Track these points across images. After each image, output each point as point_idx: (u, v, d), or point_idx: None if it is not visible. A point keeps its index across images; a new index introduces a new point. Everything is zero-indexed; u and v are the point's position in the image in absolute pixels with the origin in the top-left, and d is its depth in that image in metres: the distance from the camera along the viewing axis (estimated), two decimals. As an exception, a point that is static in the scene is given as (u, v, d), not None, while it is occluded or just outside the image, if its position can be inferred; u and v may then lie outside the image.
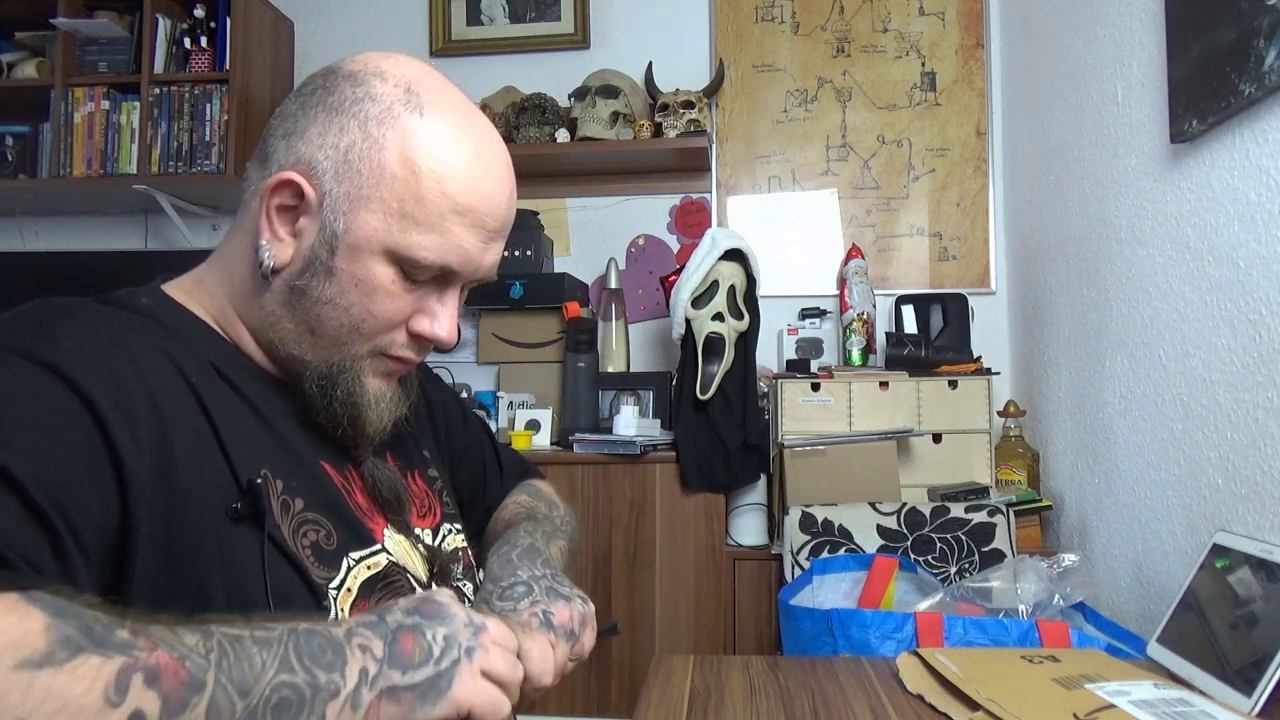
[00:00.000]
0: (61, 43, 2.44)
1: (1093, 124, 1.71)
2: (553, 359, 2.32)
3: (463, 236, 0.71)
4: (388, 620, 0.60)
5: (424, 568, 0.78)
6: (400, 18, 2.62)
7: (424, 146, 0.69)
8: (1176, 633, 1.03)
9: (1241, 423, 1.20)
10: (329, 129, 0.69)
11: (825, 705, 0.93)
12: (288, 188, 0.69)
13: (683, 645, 1.90)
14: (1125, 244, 1.57)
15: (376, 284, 0.70)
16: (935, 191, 2.39)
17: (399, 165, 0.68)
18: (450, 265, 0.71)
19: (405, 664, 0.58)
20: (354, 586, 0.69)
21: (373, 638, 0.58)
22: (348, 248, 0.69)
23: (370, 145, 0.68)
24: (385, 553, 0.73)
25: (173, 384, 0.64)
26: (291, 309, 0.71)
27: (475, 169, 0.71)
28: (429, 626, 0.60)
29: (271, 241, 0.70)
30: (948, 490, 1.80)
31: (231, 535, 0.63)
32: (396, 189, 0.68)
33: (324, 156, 0.68)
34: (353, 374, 0.72)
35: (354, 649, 0.57)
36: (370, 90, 0.70)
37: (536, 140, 2.33)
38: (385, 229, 0.68)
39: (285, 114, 0.72)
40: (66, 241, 2.71)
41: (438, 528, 0.84)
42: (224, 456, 0.64)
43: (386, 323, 0.72)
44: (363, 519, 0.74)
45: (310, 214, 0.69)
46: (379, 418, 0.75)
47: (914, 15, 2.41)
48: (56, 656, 0.46)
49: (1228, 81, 1.18)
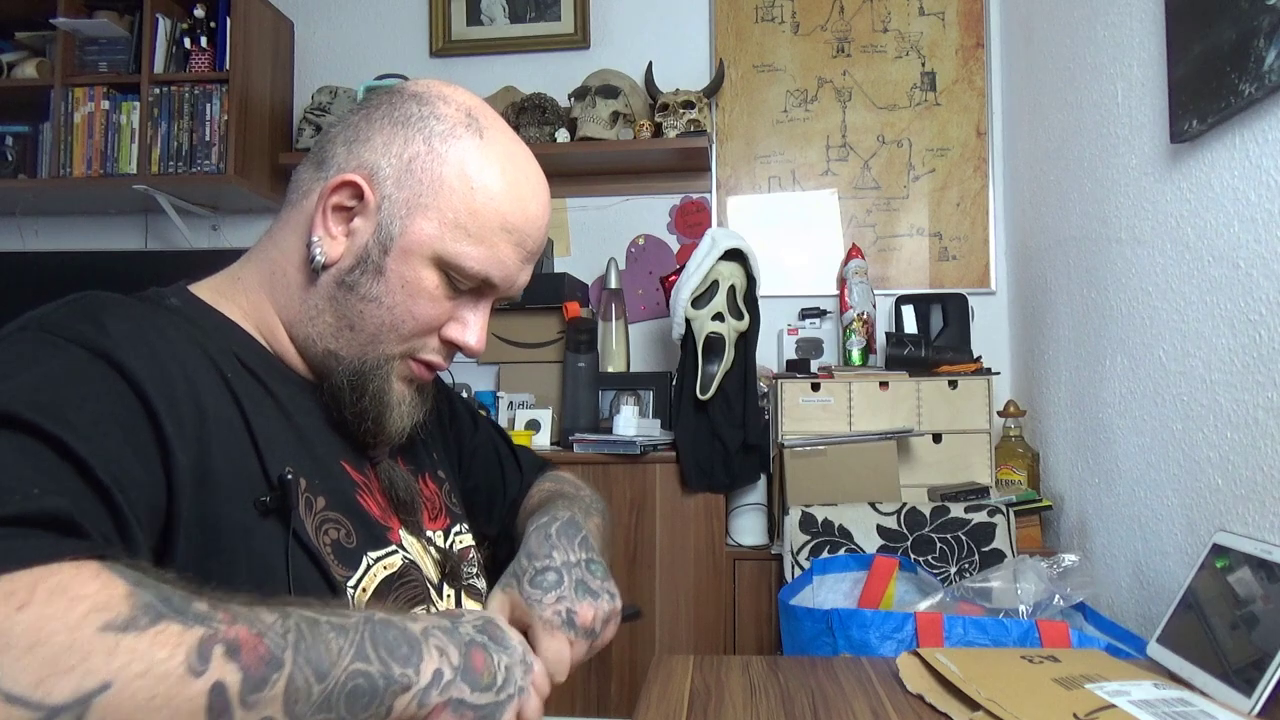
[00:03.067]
0: (61, 43, 2.44)
1: (1093, 124, 1.71)
2: (553, 359, 2.32)
3: (506, 253, 0.76)
4: (460, 631, 0.62)
5: (435, 569, 0.79)
6: (400, 18, 2.62)
7: (482, 165, 0.74)
8: (1176, 633, 1.03)
9: (1241, 423, 1.20)
10: (394, 139, 0.74)
11: (825, 705, 0.93)
12: (349, 188, 0.73)
13: (683, 645, 1.90)
14: (1125, 244, 1.57)
15: (422, 287, 0.74)
16: (935, 191, 2.39)
17: (458, 179, 0.73)
18: (492, 278, 0.76)
19: (475, 682, 0.61)
20: (370, 586, 0.70)
21: (448, 643, 0.60)
22: (401, 250, 0.73)
23: (433, 158, 0.73)
24: (402, 553, 0.75)
25: (210, 378, 0.66)
26: (335, 304, 0.74)
27: (524, 192, 0.76)
28: (495, 651, 0.63)
29: (324, 238, 0.74)
30: (948, 490, 1.80)
31: (258, 528, 0.64)
32: (454, 201, 0.73)
33: (387, 163, 0.73)
34: (384, 373, 0.76)
35: (430, 648, 0.59)
36: (435, 110, 0.75)
37: (536, 140, 2.33)
38: (438, 236, 0.73)
39: (348, 124, 0.77)
40: (66, 241, 2.71)
41: (448, 530, 0.86)
42: (255, 451, 0.66)
43: (424, 325, 0.76)
44: (380, 519, 0.75)
45: (366, 215, 0.73)
46: (400, 419, 0.78)
47: (914, 15, 2.41)
48: (139, 621, 0.46)
49: (1228, 81, 1.18)
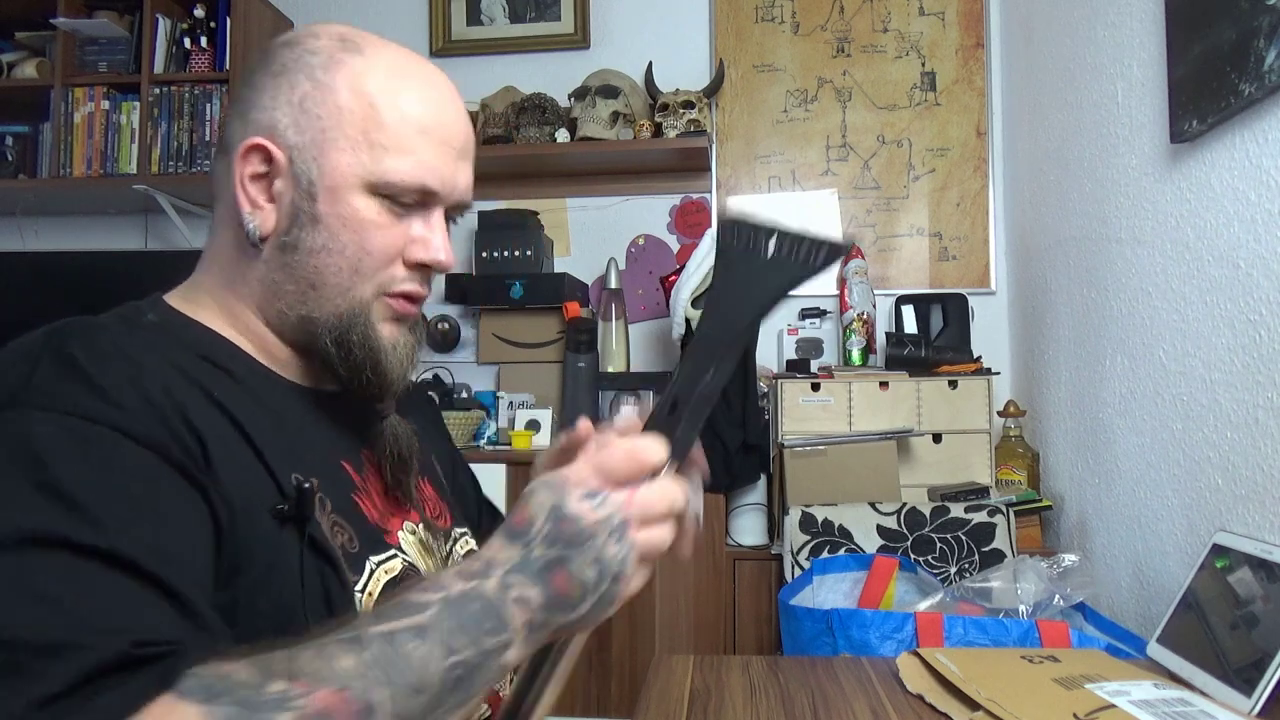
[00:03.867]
0: (61, 43, 2.44)
1: (1093, 124, 1.71)
2: (553, 359, 2.32)
3: (432, 154, 0.72)
4: (532, 556, 0.57)
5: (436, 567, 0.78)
6: (400, 18, 2.62)
7: (373, 78, 0.71)
8: (1176, 633, 1.03)
9: (1241, 423, 1.20)
10: (279, 90, 0.71)
11: (825, 705, 0.93)
12: (255, 153, 0.71)
13: (683, 645, 1.90)
14: (1125, 244, 1.57)
15: (363, 218, 0.71)
16: (935, 191, 2.39)
17: (354, 100, 0.70)
18: (428, 184, 0.72)
19: (567, 606, 0.57)
20: (375, 590, 0.69)
21: (526, 584, 0.56)
22: (326, 191, 0.70)
23: (322, 90, 0.70)
24: (401, 556, 0.74)
25: (195, 398, 0.63)
26: (289, 269, 0.72)
27: (427, 90, 0.73)
28: (575, 559, 0.57)
29: (254, 212, 0.71)
30: (948, 490, 1.80)
31: (276, 537, 0.63)
32: (358, 122, 0.70)
33: (281, 115, 0.71)
34: (363, 319, 0.73)
35: (511, 605, 0.56)
36: (307, 46, 0.72)
37: (536, 140, 2.33)
38: (357, 163, 0.70)
39: (235, 99, 0.75)
40: (66, 241, 2.71)
41: (449, 531, 0.85)
42: (260, 460, 0.65)
43: (383, 256, 0.72)
44: (377, 522, 0.74)
45: (282, 174, 0.71)
46: (399, 363, 0.75)
47: (914, 15, 2.41)
48: None
49: (1228, 81, 1.18)
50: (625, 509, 0.58)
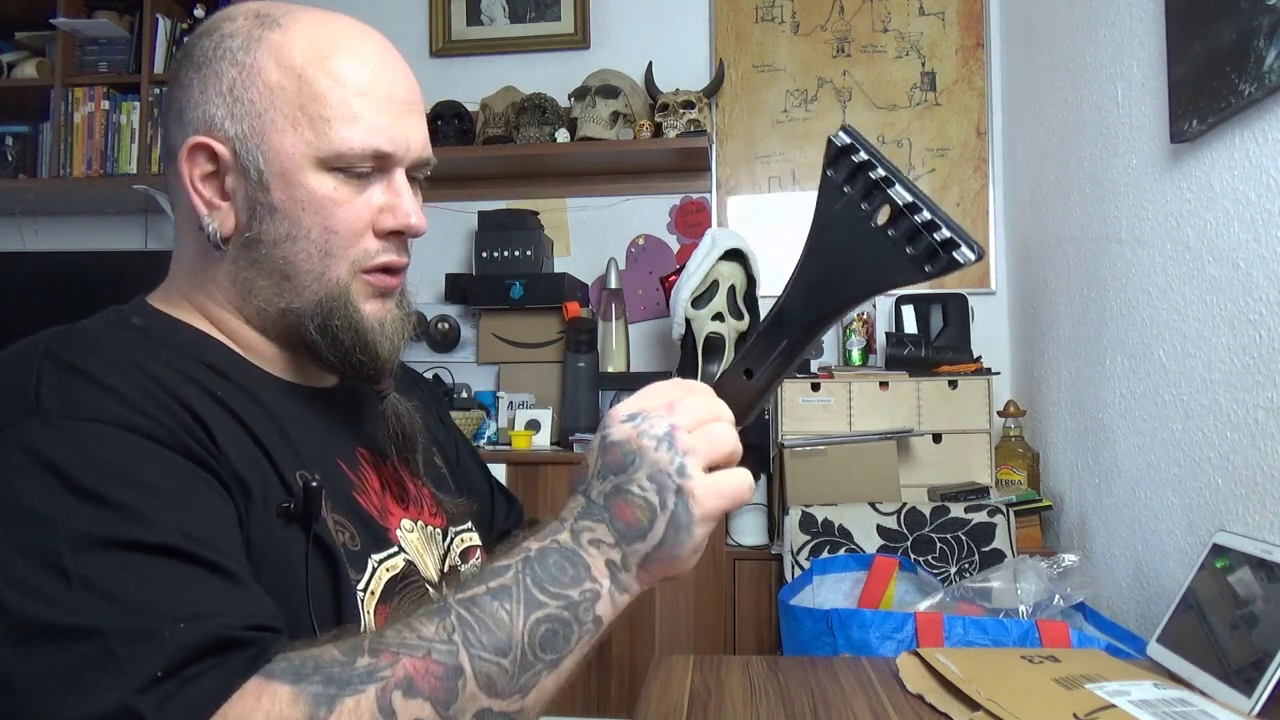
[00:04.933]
0: (61, 43, 2.44)
1: (1093, 124, 1.71)
2: (553, 359, 2.33)
3: (376, 114, 0.69)
4: (592, 497, 0.58)
5: (434, 565, 0.78)
6: (400, 18, 2.62)
7: (296, 48, 0.68)
8: (1176, 633, 1.03)
9: (1241, 423, 1.20)
10: (206, 83, 0.68)
11: (825, 705, 0.93)
12: (199, 152, 0.68)
13: (683, 645, 1.90)
14: (1125, 244, 1.57)
15: (321, 197, 0.68)
16: (935, 191, 2.39)
17: (283, 75, 0.67)
18: (380, 148, 0.69)
19: (638, 533, 0.56)
20: (378, 589, 0.69)
21: (595, 525, 0.57)
22: (277, 177, 0.68)
23: (248, 73, 0.68)
24: (402, 553, 0.73)
25: (203, 397, 0.63)
26: (258, 265, 0.70)
27: (356, 47, 0.70)
28: (629, 481, 0.57)
29: (211, 213, 0.69)
30: (948, 490, 1.80)
31: (282, 535, 0.63)
32: (293, 98, 0.67)
33: (215, 108, 0.68)
34: (344, 302, 0.70)
35: (587, 548, 0.56)
36: (224, 31, 0.69)
37: (536, 140, 2.33)
38: (302, 141, 0.67)
39: (167, 103, 0.72)
40: (66, 241, 2.71)
41: (446, 530, 0.84)
42: (268, 458, 0.64)
43: (349, 232, 0.70)
44: (378, 519, 0.73)
45: (231, 169, 0.68)
46: (389, 340, 0.73)
47: (914, 15, 2.41)
48: (318, 715, 0.48)
49: (1228, 81, 1.18)
50: (667, 416, 0.58)
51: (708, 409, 0.59)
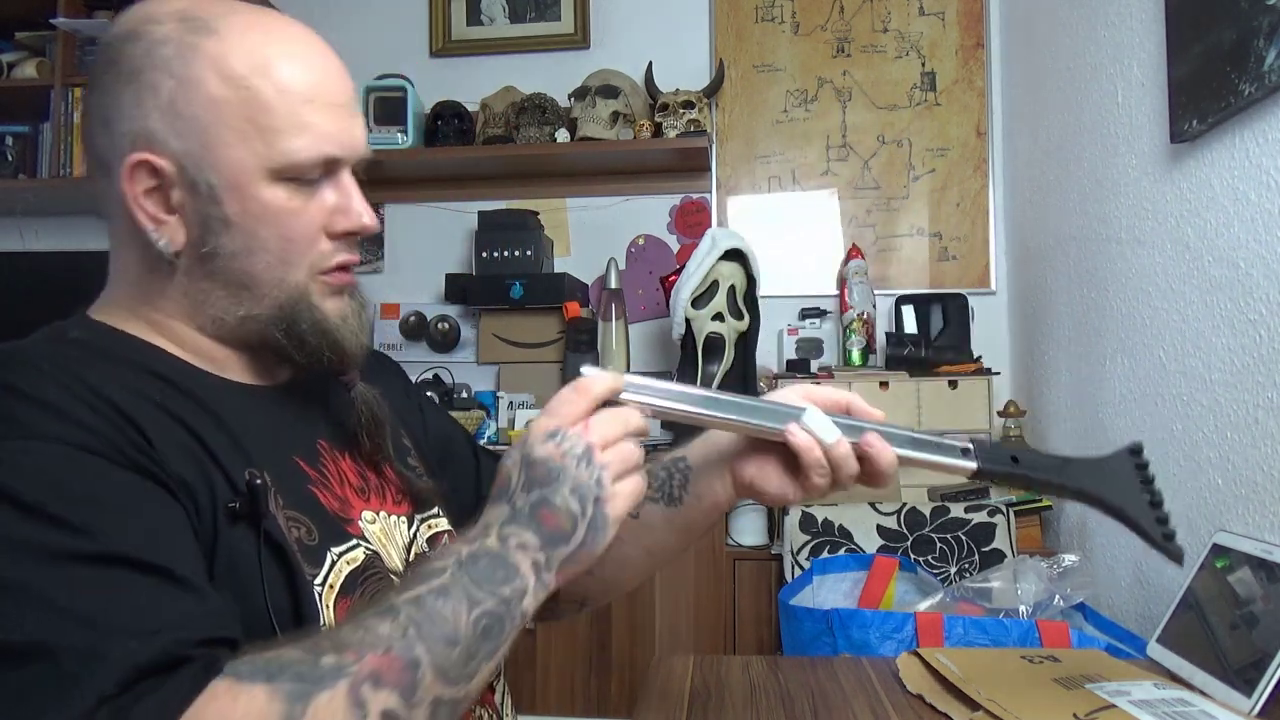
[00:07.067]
0: (61, 43, 2.44)
1: (1093, 124, 1.71)
2: (553, 359, 2.33)
3: (324, 121, 0.69)
4: (517, 506, 0.63)
5: (399, 555, 0.77)
6: (400, 18, 2.62)
7: (236, 57, 0.67)
8: (1176, 633, 1.03)
9: (1241, 423, 1.20)
10: (141, 95, 0.66)
11: (825, 705, 0.93)
12: (141, 169, 0.67)
13: (683, 645, 1.90)
14: (1125, 244, 1.57)
15: (276, 209, 0.68)
16: (935, 191, 2.39)
17: (225, 88, 0.66)
18: (330, 154, 0.69)
19: (562, 537, 0.62)
20: (337, 583, 0.68)
21: (521, 530, 0.62)
22: (229, 191, 0.67)
23: (187, 87, 0.66)
24: (363, 545, 0.73)
25: (145, 407, 0.63)
26: (214, 277, 0.69)
27: (296, 52, 0.69)
28: (554, 493, 0.63)
29: (159, 229, 0.68)
30: (948, 490, 1.80)
31: (229, 535, 0.63)
32: (237, 110, 0.66)
33: (153, 123, 0.66)
34: (306, 304, 0.71)
35: (514, 551, 0.62)
36: (152, 36, 0.67)
37: (536, 140, 2.33)
38: (253, 153, 0.67)
39: (90, 108, 0.70)
40: (66, 241, 2.70)
41: (412, 516, 0.83)
42: (214, 461, 0.64)
43: (305, 239, 0.70)
44: (337, 512, 0.73)
45: (176, 184, 0.67)
46: (353, 334, 0.75)
47: (914, 15, 2.41)
48: (295, 711, 0.51)
49: (1228, 81, 1.18)
50: (585, 436, 0.64)
51: (620, 426, 0.66)
